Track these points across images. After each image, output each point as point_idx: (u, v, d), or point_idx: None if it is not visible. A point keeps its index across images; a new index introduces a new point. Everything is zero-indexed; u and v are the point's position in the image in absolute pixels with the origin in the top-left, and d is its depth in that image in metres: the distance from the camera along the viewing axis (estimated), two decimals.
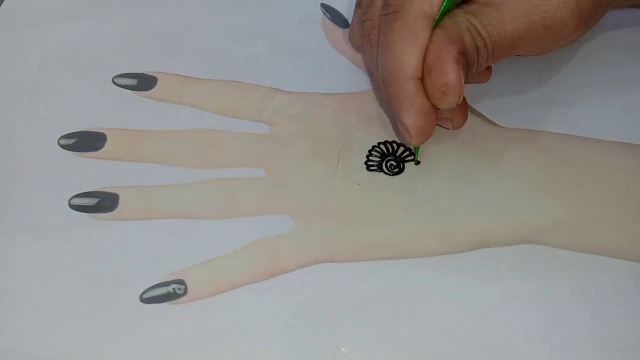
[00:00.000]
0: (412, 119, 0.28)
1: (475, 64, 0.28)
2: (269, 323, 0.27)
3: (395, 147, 0.31)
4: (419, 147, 0.31)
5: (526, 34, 0.28)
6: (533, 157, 0.31)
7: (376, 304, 0.27)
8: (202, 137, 0.32)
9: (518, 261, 0.28)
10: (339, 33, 0.36)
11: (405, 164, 0.31)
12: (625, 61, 0.34)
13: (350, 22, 0.34)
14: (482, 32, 0.27)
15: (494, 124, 0.32)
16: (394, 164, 0.31)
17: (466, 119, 0.30)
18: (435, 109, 0.28)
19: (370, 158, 0.31)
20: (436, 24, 0.27)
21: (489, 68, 0.31)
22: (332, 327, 0.27)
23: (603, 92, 0.33)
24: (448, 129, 0.31)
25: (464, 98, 0.30)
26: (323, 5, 0.37)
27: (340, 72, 0.34)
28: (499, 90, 0.33)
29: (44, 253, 0.28)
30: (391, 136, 0.32)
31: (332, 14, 0.37)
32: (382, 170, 0.31)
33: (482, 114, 0.32)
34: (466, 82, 0.27)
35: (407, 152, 0.31)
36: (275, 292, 0.27)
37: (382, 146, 0.31)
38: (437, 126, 0.31)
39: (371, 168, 0.31)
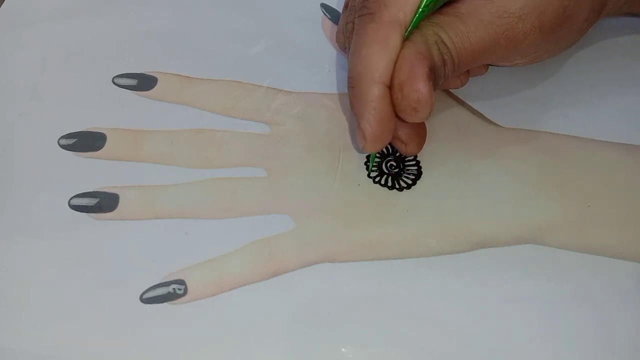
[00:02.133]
0: (370, 124, 0.27)
1: (442, 77, 0.28)
2: (269, 323, 0.27)
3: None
4: (374, 159, 0.31)
5: (490, 45, 0.28)
6: (533, 158, 0.31)
7: (376, 304, 0.27)
8: (203, 137, 0.32)
9: (518, 261, 0.28)
10: None
11: (405, 165, 0.31)
12: (625, 62, 0.34)
13: None
14: (448, 44, 0.27)
15: (494, 123, 0.32)
16: (394, 164, 0.31)
17: (421, 148, 0.30)
18: (395, 120, 0.27)
19: (370, 158, 0.31)
20: (408, 35, 0.27)
21: (465, 73, 0.31)
22: (332, 327, 0.27)
23: (602, 93, 0.33)
24: (401, 153, 0.31)
25: (424, 127, 0.30)
26: (323, 6, 0.37)
27: (341, 72, 0.34)
28: (499, 90, 0.33)
29: (44, 253, 0.28)
30: None
31: (332, 14, 0.37)
32: (382, 170, 0.31)
33: (481, 114, 0.32)
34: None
35: None
36: (276, 292, 0.27)
37: None
38: (436, 127, 0.31)
39: (371, 168, 0.31)
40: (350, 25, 0.30)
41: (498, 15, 0.27)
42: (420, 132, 0.30)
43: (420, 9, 0.27)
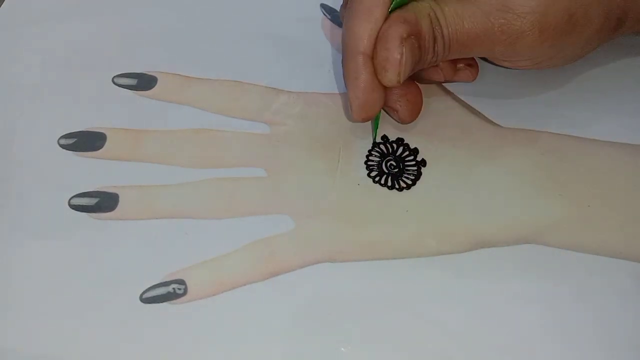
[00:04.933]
0: (354, 93, 0.28)
1: (431, 52, 0.28)
2: (269, 323, 0.27)
3: (395, 147, 0.31)
4: (377, 127, 0.31)
5: (484, 34, 0.28)
6: (533, 157, 0.31)
7: (376, 304, 0.27)
8: (202, 137, 0.32)
9: (518, 261, 0.28)
10: (339, 33, 0.36)
11: (405, 165, 0.31)
12: (625, 62, 0.34)
13: None
14: (441, 21, 0.28)
15: (494, 123, 0.32)
16: (394, 163, 0.31)
17: (414, 116, 0.31)
18: (381, 90, 0.28)
19: (370, 158, 0.31)
20: (398, 4, 0.28)
21: (473, 66, 0.31)
22: (332, 327, 0.27)
23: (602, 93, 0.33)
24: (396, 120, 0.31)
25: (419, 95, 0.30)
26: (323, 6, 0.37)
27: (340, 72, 0.34)
28: (499, 90, 0.33)
29: (44, 253, 0.28)
30: (392, 136, 0.32)
31: (331, 14, 0.37)
32: (382, 170, 0.31)
33: (482, 114, 0.32)
34: (419, 68, 0.28)
35: (407, 152, 0.31)
36: (275, 292, 0.27)
37: (382, 146, 0.31)
38: (436, 127, 0.31)
39: (371, 167, 0.31)
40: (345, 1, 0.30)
41: (497, 7, 0.27)
42: (411, 98, 0.30)
43: None
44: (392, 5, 0.28)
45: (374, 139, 0.31)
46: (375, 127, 0.31)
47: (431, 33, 0.28)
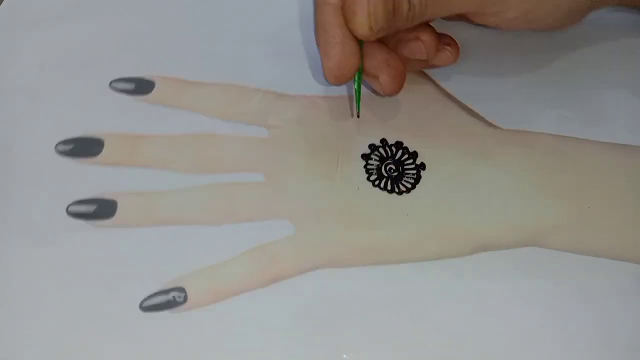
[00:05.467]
0: (324, 49, 0.27)
1: (406, 5, 0.27)
2: (270, 329, 0.27)
3: (394, 150, 0.31)
4: (359, 99, 0.30)
5: None
6: (532, 159, 0.31)
7: (377, 309, 0.27)
8: (201, 141, 0.32)
9: (518, 264, 0.28)
10: None
11: (405, 168, 0.31)
12: (625, 62, 0.34)
13: None
14: None
15: (493, 125, 0.32)
16: (393, 167, 0.31)
17: (398, 84, 0.29)
18: (353, 45, 0.27)
19: (369, 161, 0.31)
20: None
21: (453, 46, 0.30)
22: (333, 333, 0.27)
23: (602, 94, 0.33)
24: (379, 93, 0.30)
25: (399, 62, 0.29)
26: None
27: None
28: (498, 91, 0.33)
29: (43, 261, 0.28)
30: (390, 139, 0.32)
31: None
32: (382, 174, 0.31)
33: (481, 116, 0.32)
34: (395, 27, 0.27)
35: (407, 156, 0.31)
36: (276, 298, 0.27)
37: (381, 149, 0.31)
38: (435, 130, 0.31)
39: (370, 171, 0.31)
40: None
41: None
42: (392, 64, 0.29)
43: None
44: None
45: (358, 111, 0.30)
46: (357, 99, 0.30)
47: None
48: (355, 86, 0.30)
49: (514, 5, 0.28)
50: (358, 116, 0.30)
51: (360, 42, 0.28)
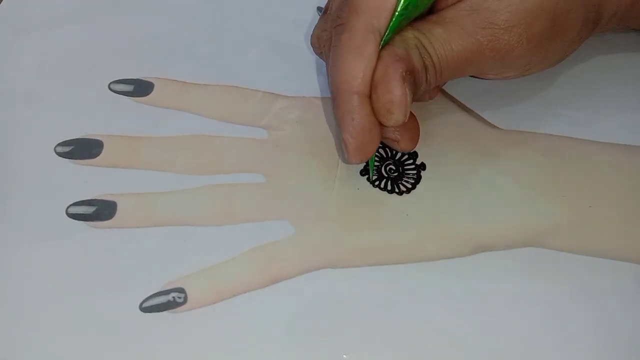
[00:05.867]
0: (350, 135, 0.27)
1: (424, 82, 0.28)
2: (270, 330, 0.27)
3: (394, 150, 0.31)
4: (373, 164, 0.30)
5: (473, 55, 0.27)
6: (532, 160, 0.31)
7: (377, 310, 0.27)
8: (200, 143, 0.32)
9: (519, 264, 0.28)
10: None
11: (405, 169, 0.31)
12: (625, 62, 0.34)
13: None
14: (429, 49, 0.27)
15: (493, 126, 0.32)
16: (393, 167, 0.31)
17: (415, 143, 0.30)
18: (378, 128, 0.27)
19: (369, 162, 0.31)
20: (386, 40, 0.27)
21: (436, 86, 0.31)
22: (334, 334, 0.27)
23: (602, 94, 0.33)
24: (397, 150, 0.31)
25: (415, 121, 0.30)
26: (319, 9, 0.37)
27: None
28: (498, 92, 0.33)
29: (42, 262, 0.28)
30: None
31: None
32: (382, 174, 0.31)
33: (481, 116, 0.32)
34: (414, 100, 0.27)
35: (407, 156, 0.31)
36: (276, 298, 0.27)
37: (381, 150, 0.31)
38: (435, 130, 0.31)
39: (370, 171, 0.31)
40: (325, 34, 0.29)
41: (482, 26, 0.27)
42: (410, 126, 0.29)
43: (397, 14, 0.26)
44: (382, 42, 0.27)
45: (372, 176, 0.30)
46: (372, 165, 0.30)
47: (422, 64, 0.27)
48: None
49: (512, 67, 0.29)
50: (373, 181, 0.30)
51: None
